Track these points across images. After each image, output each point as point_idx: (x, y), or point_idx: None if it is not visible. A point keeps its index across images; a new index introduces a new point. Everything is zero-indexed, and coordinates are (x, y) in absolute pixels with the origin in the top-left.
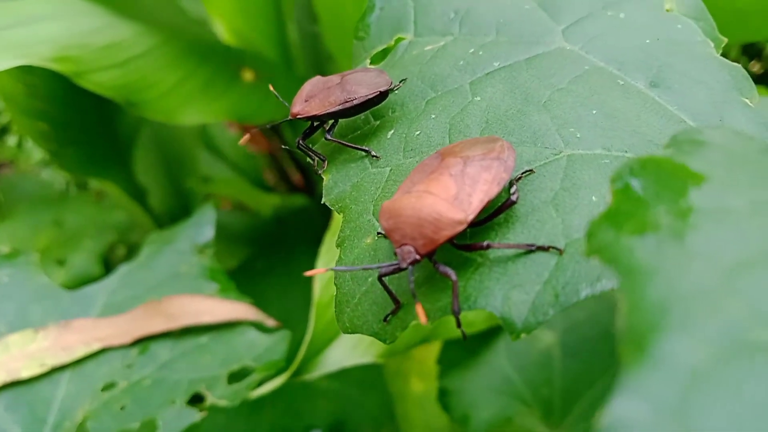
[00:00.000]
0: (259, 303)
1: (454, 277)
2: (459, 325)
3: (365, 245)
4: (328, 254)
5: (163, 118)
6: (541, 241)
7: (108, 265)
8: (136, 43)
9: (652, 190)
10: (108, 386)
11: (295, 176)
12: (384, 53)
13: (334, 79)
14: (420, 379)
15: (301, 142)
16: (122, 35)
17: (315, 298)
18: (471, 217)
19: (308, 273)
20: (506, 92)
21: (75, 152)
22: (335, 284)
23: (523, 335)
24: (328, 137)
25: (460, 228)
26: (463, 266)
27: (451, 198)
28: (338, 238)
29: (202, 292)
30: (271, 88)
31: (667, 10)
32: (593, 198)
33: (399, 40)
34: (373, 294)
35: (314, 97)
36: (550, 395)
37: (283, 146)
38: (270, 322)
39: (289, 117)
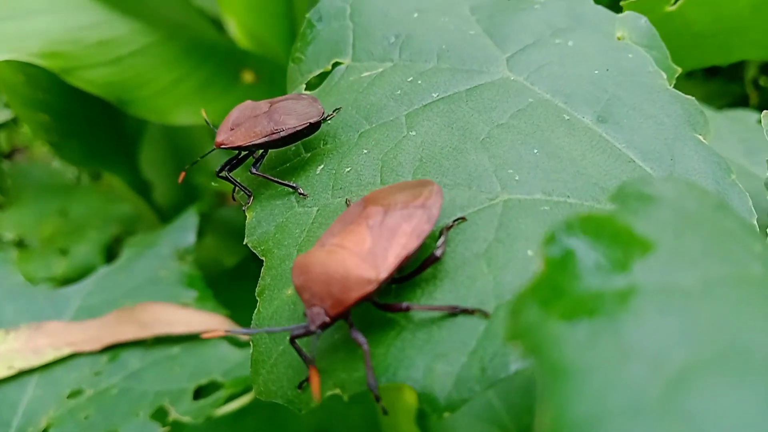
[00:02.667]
0: (248, 308)
1: (365, 346)
2: (378, 400)
3: (286, 297)
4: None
5: (155, 118)
6: (470, 302)
7: (111, 257)
8: (131, 40)
9: (590, 259)
10: (74, 393)
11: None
12: (321, 78)
13: (263, 106)
14: (410, 391)
15: (226, 173)
16: (117, 32)
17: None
18: (384, 275)
19: (205, 336)
20: (443, 127)
21: (77, 144)
22: (251, 341)
23: (446, 414)
24: (254, 171)
25: (370, 288)
26: (385, 329)
27: (364, 253)
28: (258, 286)
29: (180, 299)
30: (203, 112)
31: (619, 38)
32: (529, 252)
33: (336, 64)
34: (290, 356)
35: (240, 125)
36: (531, 423)
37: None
38: (244, 337)
39: (214, 147)
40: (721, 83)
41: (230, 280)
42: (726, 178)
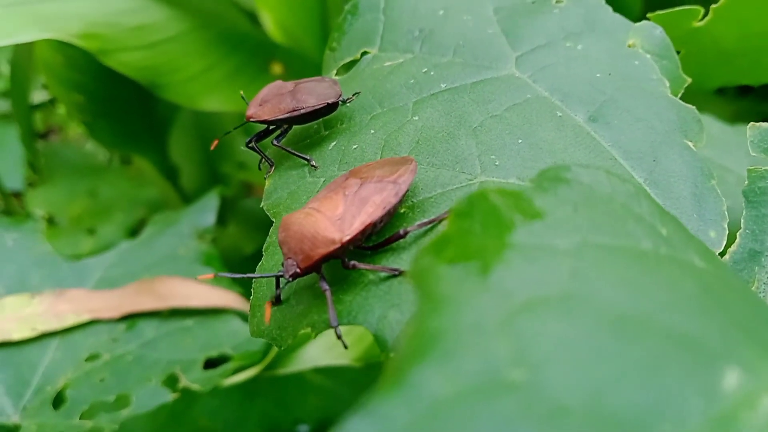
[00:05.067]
0: None
1: (328, 292)
2: (339, 336)
3: None
4: None
5: (185, 102)
6: None
7: None
8: (167, 27)
9: (484, 220)
10: (92, 357)
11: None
12: (350, 65)
13: (289, 85)
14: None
15: (253, 144)
16: (153, 18)
17: None
18: (347, 238)
19: (200, 278)
20: (443, 114)
21: (109, 126)
22: (252, 288)
23: (392, 354)
24: (275, 143)
25: (333, 247)
26: (355, 283)
27: (335, 217)
28: (266, 242)
29: (196, 275)
30: (241, 93)
31: (630, 45)
32: None
33: (364, 53)
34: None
35: (267, 102)
36: None
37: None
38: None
39: (244, 120)
40: (753, 101)
41: (250, 266)
42: (706, 182)
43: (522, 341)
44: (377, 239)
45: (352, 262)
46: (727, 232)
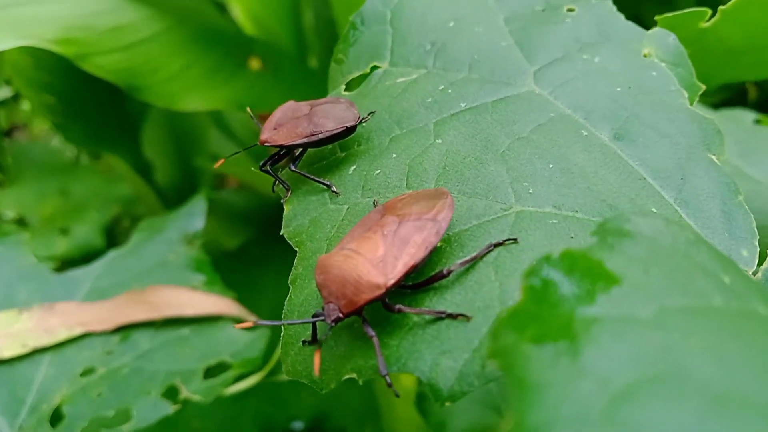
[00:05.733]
0: (251, 292)
1: (375, 339)
2: (389, 385)
3: (315, 287)
4: None
5: (165, 104)
6: (477, 305)
7: (111, 237)
8: (143, 27)
9: (562, 291)
10: (87, 371)
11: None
12: (360, 80)
13: (304, 108)
14: (407, 374)
15: (267, 167)
16: (128, 18)
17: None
18: (392, 281)
19: (238, 326)
20: (467, 137)
21: (81, 126)
22: (282, 326)
23: (447, 403)
24: (293, 168)
25: (379, 293)
26: (399, 326)
27: (377, 260)
28: (291, 274)
29: (188, 283)
30: (249, 110)
31: (645, 55)
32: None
33: (374, 68)
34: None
35: (283, 126)
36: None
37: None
38: (251, 319)
39: (258, 143)
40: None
41: (231, 262)
42: (733, 199)
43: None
44: (416, 277)
45: (398, 306)
46: (758, 249)
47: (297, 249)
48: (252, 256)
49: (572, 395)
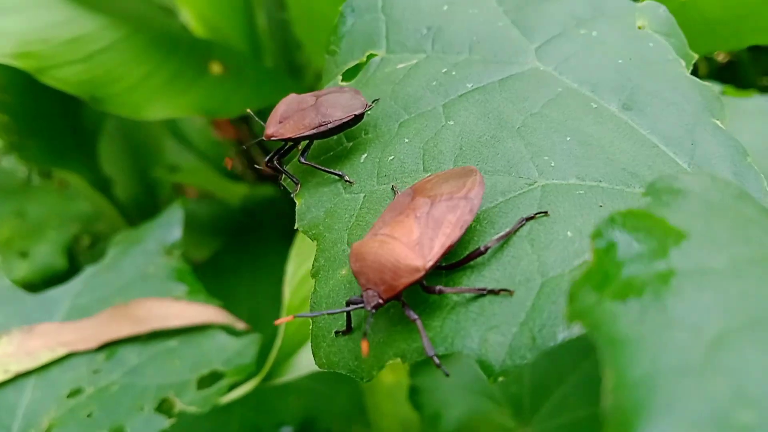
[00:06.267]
0: (228, 300)
1: (418, 321)
2: (438, 365)
3: (341, 277)
4: (299, 256)
5: (128, 114)
6: (517, 279)
7: (72, 257)
8: (101, 36)
9: (633, 249)
10: (74, 392)
11: (263, 165)
12: (356, 69)
13: (309, 99)
14: (390, 370)
15: (275, 162)
16: (86, 29)
17: (285, 301)
18: (430, 263)
19: (278, 322)
20: (480, 116)
21: (37, 143)
22: (311, 318)
23: (500, 378)
24: (302, 160)
25: (418, 275)
26: (440, 306)
27: (412, 243)
28: (313, 267)
29: (171, 294)
30: (249, 111)
31: (639, 27)
32: (568, 233)
33: (371, 56)
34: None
35: (288, 118)
36: (519, 392)
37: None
38: (240, 325)
39: (263, 138)
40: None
41: (203, 273)
42: (742, 161)
43: (736, 378)
44: (449, 258)
45: (438, 288)
46: None
47: (315, 241)
48: (224, 265)
49: (668, 346)
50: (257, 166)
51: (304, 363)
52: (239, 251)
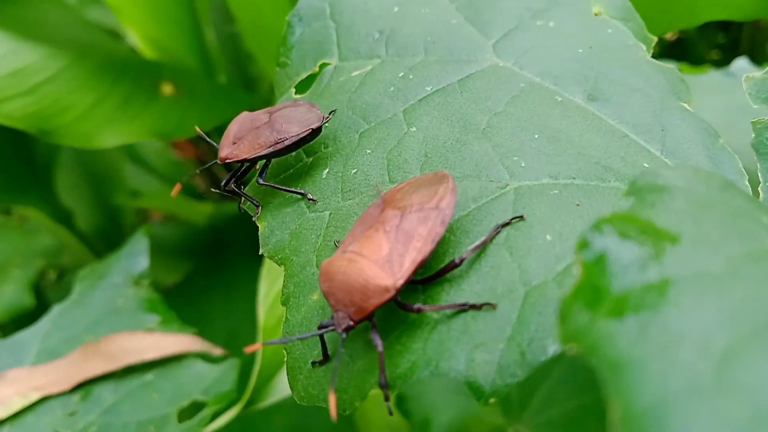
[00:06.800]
0: (204, 323)
1: (380, 347)
2: (387, 398)
3: (312, 302)
4: (270, 276)
5: (80, 144)
6: (499, 290)
7: (39, 293)
8: (44, 66)
9: (624, 259)
10: None
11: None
12: (309, 81)
13: (262, 116)
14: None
15: (232, 185)
16: (27, 60)
17: (260, 323)
18: (400, 282)
19: (248, 349)
20: (443, 120)
21: None
22: (284, 349)
23: (492, 400)
24: (261, 181)
25: (388, 295)
26: (420, 325)
27: (382, 260)
28: (283, 294)
29: (143, 325)
30: (198, 129)
31: (596, 14)
32: (547, 237)
33: (324, 65)
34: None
35: (242, 138)
36: (507, 394)
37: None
38: (217, 351)
39: (218, 161)
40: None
41: (176, 298)
42: (715, 143)
43: (753, 396)
44: (425, 271)
45: (417, 306)
46: (750, 189)
47: (282, 266)
48: (196, 287)
49: (675, 367)
50: (214, 189)
51: (285, 384)
52: (211, 272)
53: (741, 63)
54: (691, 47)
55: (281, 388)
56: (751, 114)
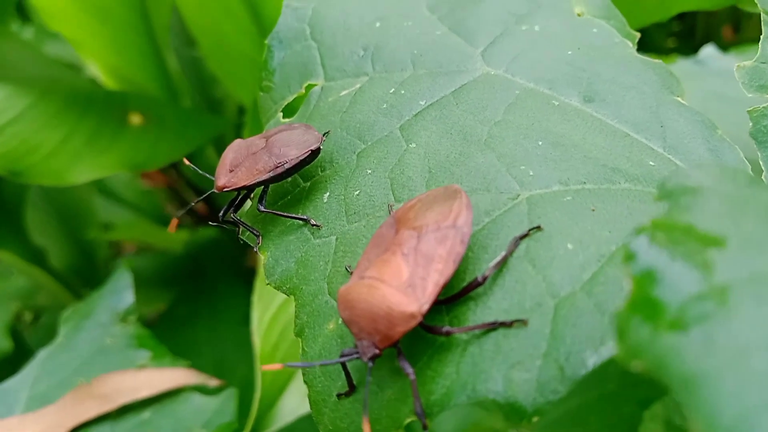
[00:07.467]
0: (189, 354)
1: (412, 375)
2: (425, 428)
3: (329, 332)
4: (262, 301)
5: (52, 182)
6: (527, 305)
7: (16, 336)
8: (7, 106)
9: (675, 268)
10: None
11: (199, 206)
12: (296, 104)
13: (258, 142)
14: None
15: (231, 215)
16: None
17: (256, 350)
18: (426, 307)
19: (266, 367)
20: (442, 134)
21: None
22: (305, 382)
23: (534, 419)
24: (262, 208)
25: (414, 323)
26: (449, 348)
27: (403, 285)
28: (296, 325)
29: (134, 363)
30: (186, 161)
31: (579, 15)
32: (569, 246)
33: (310, 87)
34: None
35: (240, 165)
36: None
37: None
38: (212, 382)
39: (215, 190)
40: None
41: (160, 330)
42: (714, 135)
43: None
44: (446, 291)
45: (446, 329)
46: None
47: (291, 296)
48: (179, 317)
49: (750, 377)
50: (212, 223)
51: (287, 410)
52: (193, 300)
53: (709, 50)
54: (649, 38)
55: (283, 415)
56: (728, 101)
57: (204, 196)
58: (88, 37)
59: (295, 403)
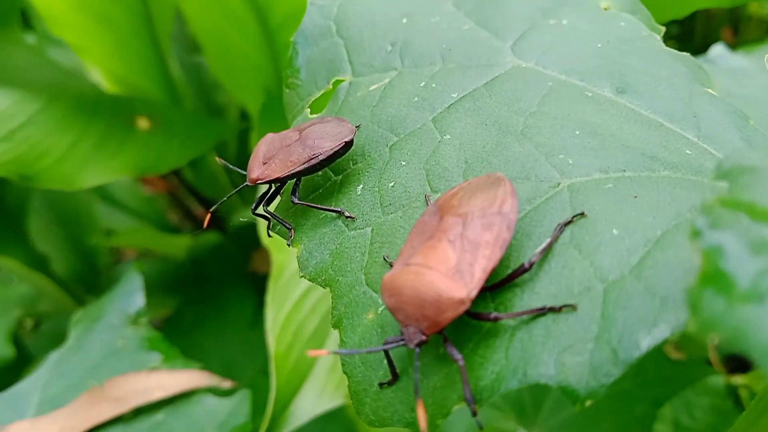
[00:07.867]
0: (198, 358)
1: (461, 361)
2: (474, 413)
3: (368, 322)
4: (276, 301)
5: (61, 186)
6: (576, 290)
7: (18, 342)
8: (18, 111)
9: (743, 243)
10: None
11: (199, 212)
12: (323, 99)
13: (291, 135)
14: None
15: (263, 209)
16: (1, 105)
17: (271, 350)
18: (474, 292)
19: (311, 353)
20: (477, 125)
21: None
22: (344, 372)
23: (588, 402)
24: (296, 200)
25: (463, 308)
26: (496, 334)
27: (451, 271)
28: (333, 316)
29: (146, 365)
30: (219, 160)
31: (605, 9)
32: (614, 231)
33: (337, 83)
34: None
35: (273, 158)
36: (519, 395)
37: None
38: (225, 384)
39: (248, 183)
40: None
41: (166, 335)
42: (746, 125)
43: None
44: (491, 278)
45: (494, 315)
46: None
47: (327, 288)
48: (185, 322)
49: None
50: (243, 219)
51: (302, 410)
52: (198, 305)
53: (719, 49)
54: None
55: (297, 416)
56: (741, 98)
57: (237, 189)
58: (91, 43)
59: (310, 402)
